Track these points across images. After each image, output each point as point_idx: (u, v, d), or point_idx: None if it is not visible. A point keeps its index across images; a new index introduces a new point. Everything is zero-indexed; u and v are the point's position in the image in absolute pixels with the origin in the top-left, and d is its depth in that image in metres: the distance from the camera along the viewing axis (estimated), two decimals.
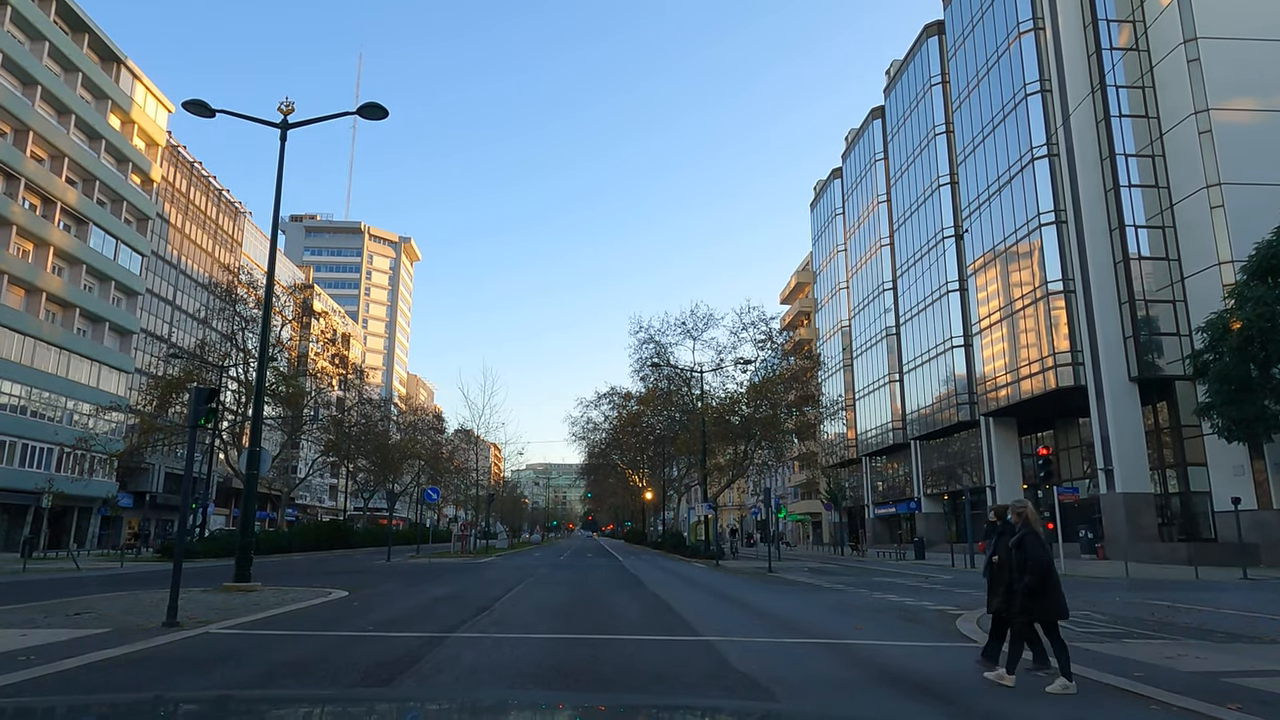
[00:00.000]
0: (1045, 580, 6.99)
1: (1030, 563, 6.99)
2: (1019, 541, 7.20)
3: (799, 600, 16.29)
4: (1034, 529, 7.16)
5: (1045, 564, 6.98)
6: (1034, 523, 7.21)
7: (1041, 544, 7.09)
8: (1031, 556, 7.01)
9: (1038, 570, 6.95)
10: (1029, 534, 7.14)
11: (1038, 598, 7.00)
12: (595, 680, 7.15)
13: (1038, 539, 7.11)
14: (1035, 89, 40.72)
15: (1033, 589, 7.00)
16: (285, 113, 17.31)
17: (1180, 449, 36.07)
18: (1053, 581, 7.01)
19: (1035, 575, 6.96)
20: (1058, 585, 7.06)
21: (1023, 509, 7.36)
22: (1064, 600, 7.09)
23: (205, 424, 11.45)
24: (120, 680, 6.90)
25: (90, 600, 13.44)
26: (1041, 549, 7.06)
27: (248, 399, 37.53)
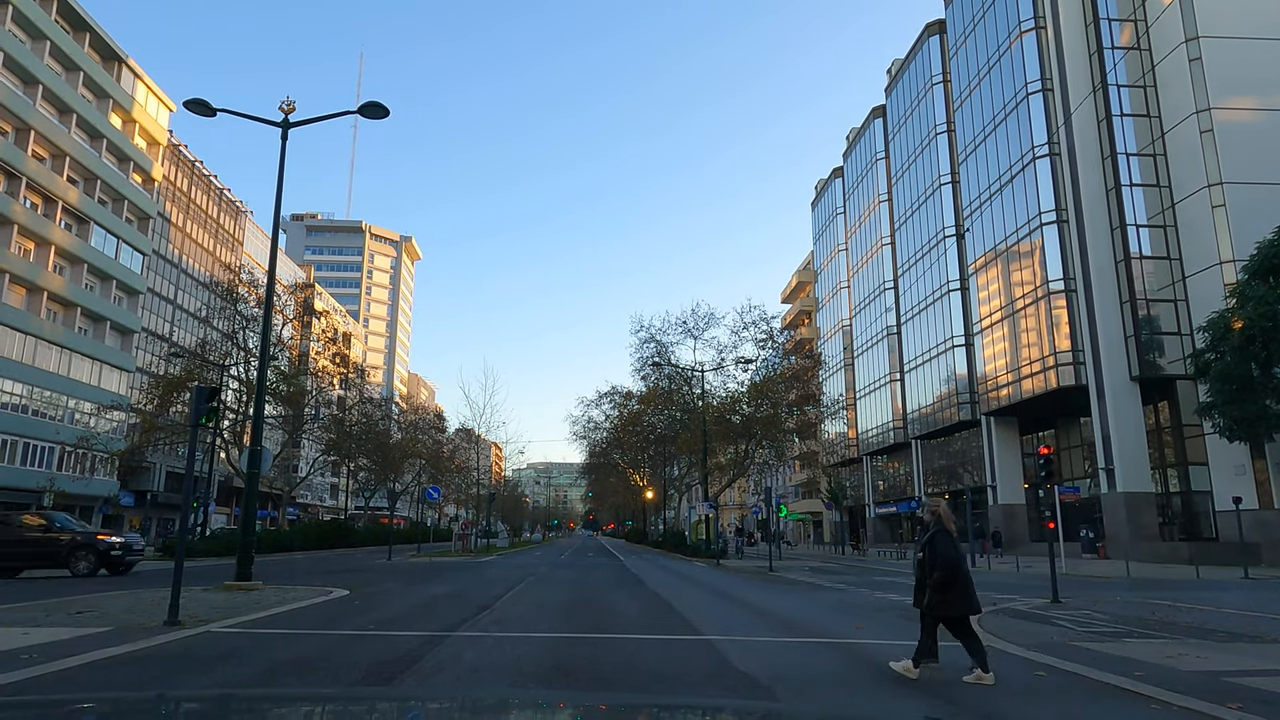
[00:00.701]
0: (954, 577, 7.21)
1: (939, 560, 7.22)
2: (930, 539, 7.45)
3: (800, 599, 16.29)
4: (946, 527, 7.41)
5: (954, 561, 7.21)
6: (946, 521, 7.46)
7: (952, 542, 7.33)
8: (941, 554, 7.25)
9: (946, 567, 7.19)
10: (940, 532, 7.39)
11: (946, 593, 7.23)
12: (596, 679, 7.15)
13: (948, 537, 7.34)
14: (1036, 88, 40.68)
15: (941, 585, 7.23)
16: (286, 112, 17.31)
17: (1181, 448, 36.05)
18: (962, 578, 7.25)
19: (944, 572, 7.20)
20: (968, 582, 7.31)
21: (935, 507, 7.60)
22: (974, 597, 7.31)
23: (206, 423, 11.46)
24: (122, 679, 6.91)
25: (91, 599, 13.45)
26: (951, 547, 7.29)
27: (249, 398, 37.54)
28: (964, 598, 7.24)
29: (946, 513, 7.54)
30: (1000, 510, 45.15)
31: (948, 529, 7.40)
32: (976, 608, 7.35)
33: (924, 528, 8.29)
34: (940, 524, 7.44)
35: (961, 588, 7.23)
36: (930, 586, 7.34)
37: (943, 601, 7.27)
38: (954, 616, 7.34)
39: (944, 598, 7.27)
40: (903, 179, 57.88)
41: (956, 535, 7.69)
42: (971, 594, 7.29)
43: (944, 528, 7.40)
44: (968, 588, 7.27)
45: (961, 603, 7.25)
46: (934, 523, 7.52)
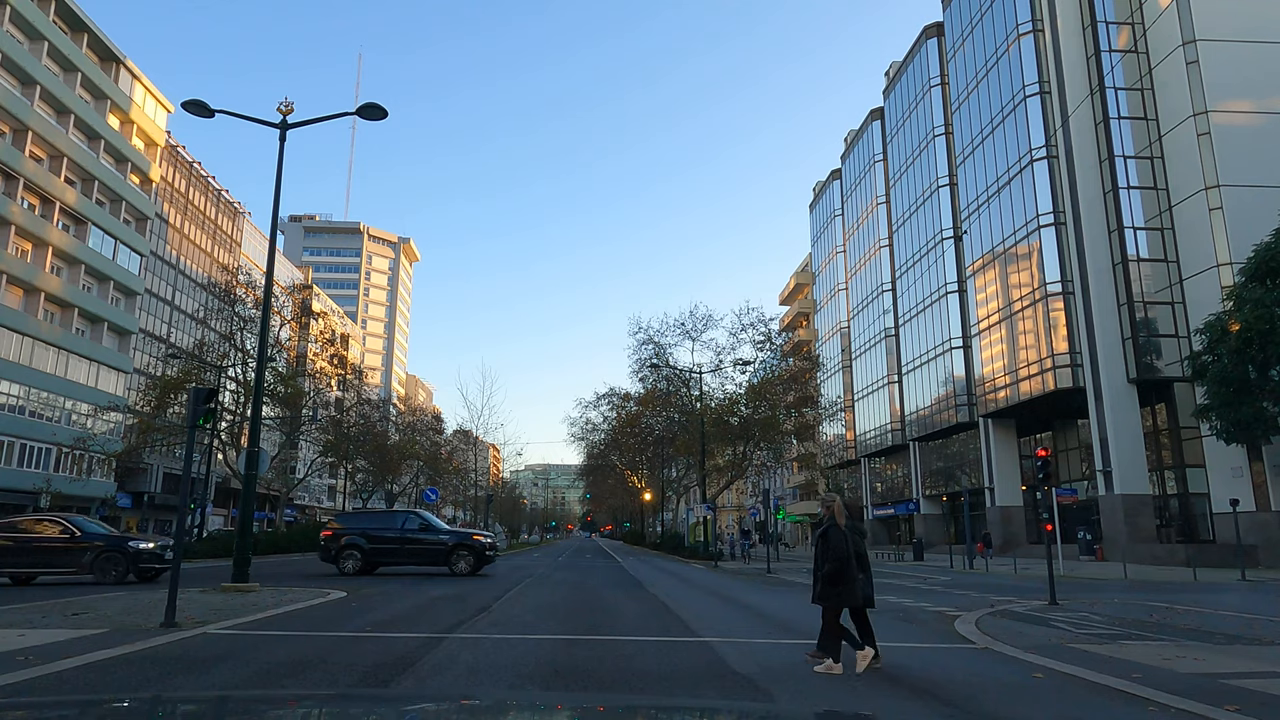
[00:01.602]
0: (843, 570, 7.53)
1: (831, 553, 7.53)
2: (823, 533, 7.74)
3: (798, 601, 16.28)
4: (839, 521, 7.69)
5: (844, 555, 7.56)
6: (839, 516, 7.74)
7: (843, 536, 7.63)
8: (833, 547, 7.56)
9: (835, 558, 7.53)
10: (833, 526, 7.68)
11: (838, 585, 7.53)
12: (594, 681, 7.14)
13: (840, 532, 7.63)
14: (1034, 91, 40.76)
15: (831, 577, 7.54)
16: (284, 113, 17.30)
17: (1179, 450, 36.10)
18: (850, 571, 7.55)
19: (834, 565, 7.53)
20: (854, 575, 7.63)
21: (831, 502, 7.88)
22: (858, 590, 7.67)
23: (204, 424, 11.43)
24: (118, 680, 6.89)
25: (88, 600, 13.42)
26: (843, 541, 7.59)
27: (246, 399, 37.49)
28: (853, 590, 7.57)
29: (840, 508, 7.81)
30: (998, 512, 45.18)
31: (840, 524, 7.68)
32: (859, 600, 7.67)
33: (819, 522, 8.53)
34: (834, 519, 7.70)
35: (850, 580, 7.54)
36: (823, 578, 7.61)
37: (837, 594, 7.55)
38: (855, 607, 7.63)
39: (837, 590, 7.54)
40: (901, 181, 57.95)
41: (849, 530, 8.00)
42: (858, 587, 7.62)
43: (837, 523, 7.68)
44: (855, 580, 7.59)
45: (851, 594, 7.56)
46: (828, 517, 7.77)
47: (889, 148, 61.20)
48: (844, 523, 7.72)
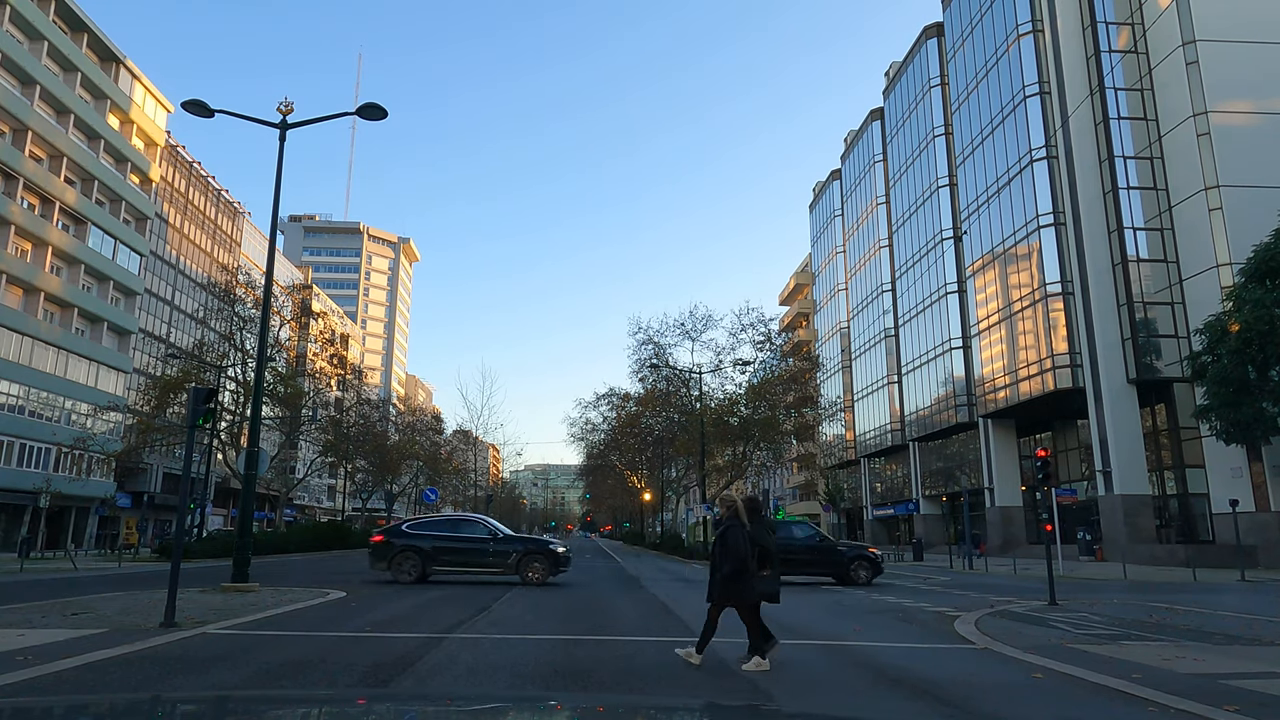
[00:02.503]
0: (742, 569, 7.59)
1: (730, 552, 7.57)
2: (723, 532, 7.76)
3: (797, 601, 16.28)
4: (740, 520, 7.75)
5: (743, 555, 7.61)
6: (741, 515, 7.79)
7: (742, 535, 7.67)
8: (731, 546, 7.58)
9: (735, 559, 7.55)
10: (732, 525, 7.71)
11: (737, 583, 7.59)
12: (594, 681, 7.14)
13: (740, 531, 7.66)
14: (1034, 91, 40.77)
15: (731, 576, 7.57)
16: (284, 113, 17.30)
17: (1178, 451, 36.11)
18: (749, 571, 7.64)
19: (732, 564, 7.55)
20: (752, 575, 7.72)
21: (731, 501, 7.91)
22: (756, 588, 7.79)
23: (203, 424, 11.43)
24: (118, 680, 6.89)
25: (87, 600, 13.42)
26: (741, 540, 7.63)
27: (246, 399, 37.49)
28: (751, 587, 7.65)
29: (741, 507, 7.83)
30: (998, 513, 45.19)
31: (742, 522, 7.72)
32: (755, 597, 7.76)
33: (718, 522, 8.60)
34: (736, 518, 7.72)
35: (748, 578, 7.62)
36: (723, 578, 7.63)
37: (738, 591, 7.62)
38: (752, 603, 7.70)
39: (737, 588, 7.60)
40: (900, 181, 57.96)
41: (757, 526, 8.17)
42: (755, 585, 7.74)
43: (738, 521, 7.71)
44: (752, 579, 7.69)
45: (749, 591, 7.65)
46: (728, 516, 7.78)
47: (889, 148, 61.22)
48: (746, 521, 7.78)
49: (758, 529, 8.27)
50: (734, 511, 7.74)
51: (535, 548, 19.70)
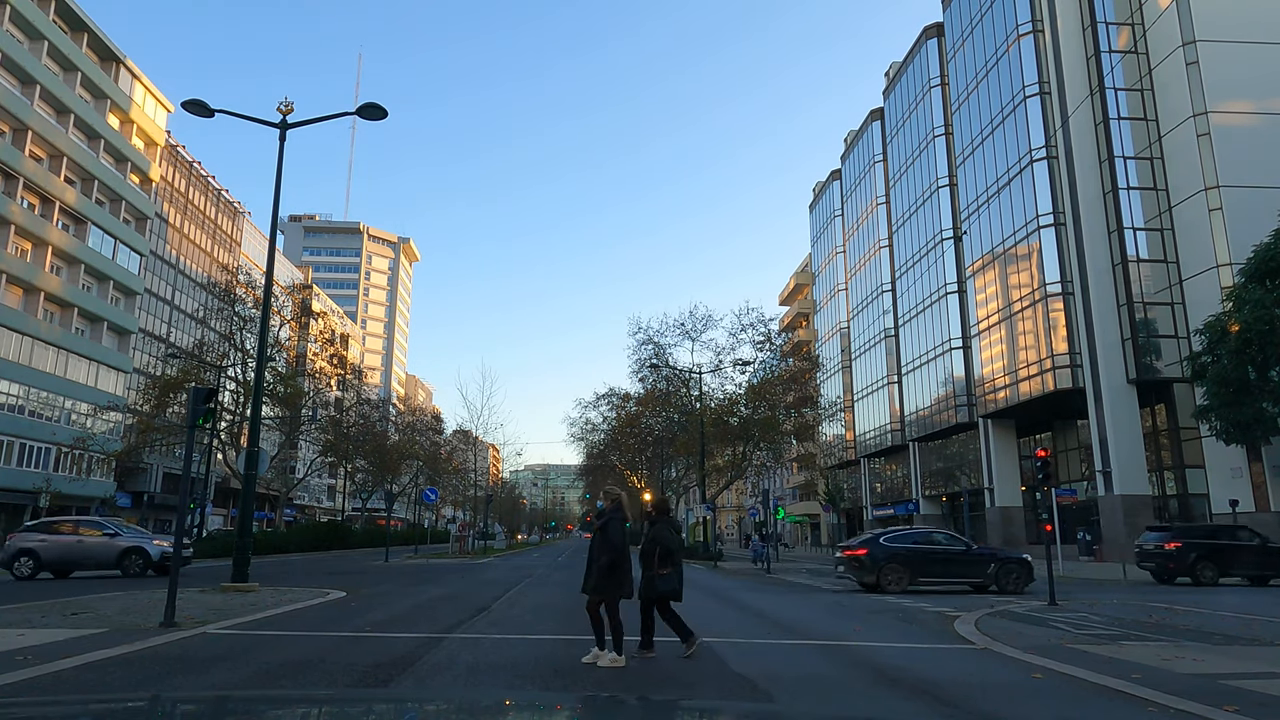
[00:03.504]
0: (622, 561, 7.63)
1: (609, 544, 7.62)
2: (604, 525, 7.78)
3: (797, 602, 16.29)
4: (624, 514, 7.81)
5: (621, 549, 7.64)
6: (625, 509, 7.86)
7: (622, 530, 7.72)
8: (611, 539, 7.64)
9: (613, 553, 7.60)
10: (613, 519, 7.75)
11: (614, 575, 7.62)
12: (593, 681, 7.14)
13: (620, 524, 7.72)
14: (1034, 91, 40.76)
15: (609, 568, 7.62)
16: (284, 113, 17.31)
17: (1178, 451, 36.10)
18: (625, 565, 7.66)
19: (609, 555, 7.61)
20: (629, 569, 7.75)
21: (616, 496, 7.98)
22: (632, 584, 7.80)
23: (203, 424, 11.44)
24: (117, 680, 6.89)
25: (87, 600, 13.43)
26: (620, 535, 7.69)
27: (246, 399, 37.50)
28: (626, 583, 7.71)
29: (626, 502, 7.90)
30: (998, 513, 45.18)
31: (625, 517, 7.77)
32: (632, 593, 7.82)
33: (648, 518, 8.74)
34: (620, 511, 7.76)
35: (624, 574, 7.65)
36: (598, 570, 7.65)
37: (615, 584, 7.63)
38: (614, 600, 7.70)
39: (615, 580, 7.62)
40: (900, 181, 57.95)
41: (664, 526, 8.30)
42: (631, 581, 7.79)
43: (621, 515, 7.75)
44: (629, 574, 7.73)
45: (624, 587, 7.70)
46: (611, 509, 7.80)
47: (889, 148, 61.19)
48: (627, 516, 7.82)
49: (663, 528, 8.36)
50: (617, 505, 7.77)
51: (1010, 557, 19.83)
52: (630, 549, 8.36)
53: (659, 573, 8.15)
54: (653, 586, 8.21)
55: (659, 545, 8.17)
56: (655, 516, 8.58)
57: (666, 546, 8.18)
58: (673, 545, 8.26)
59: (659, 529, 8.36)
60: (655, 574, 8.16)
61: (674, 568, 8.20)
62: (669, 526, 8.43)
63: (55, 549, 21.13)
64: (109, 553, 21.20)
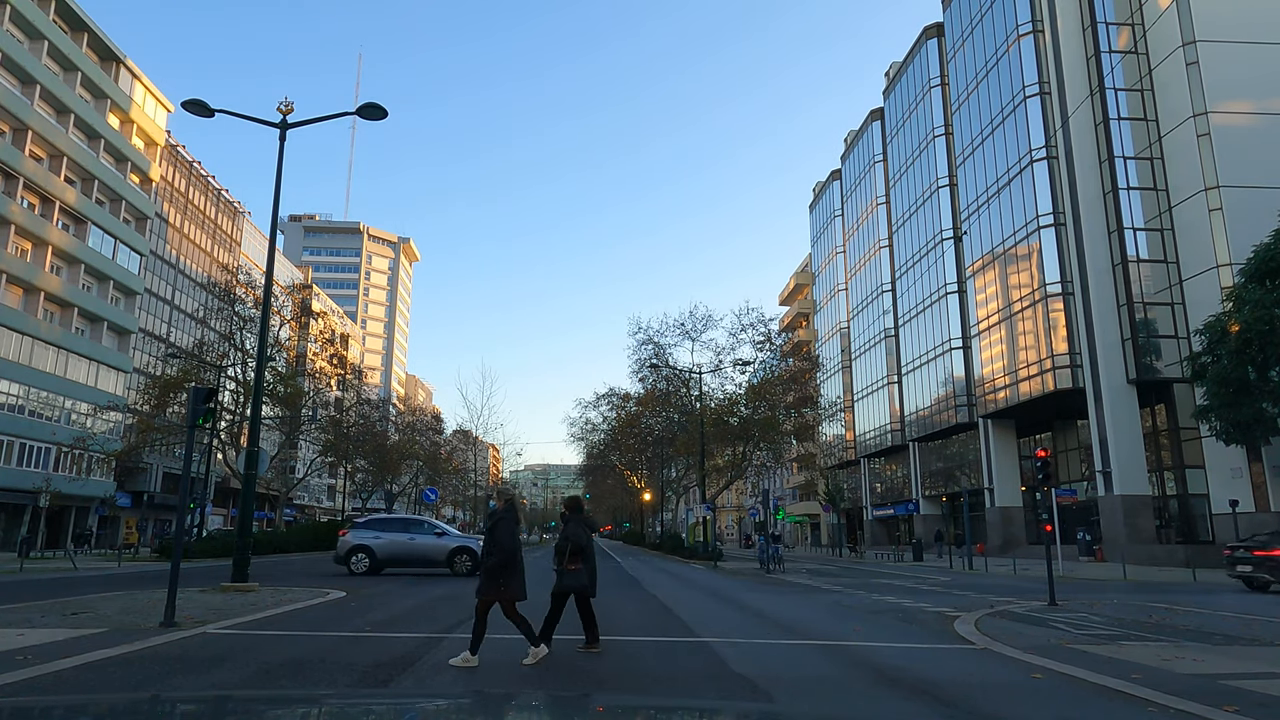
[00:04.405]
0: (508, 563, 7.58)
1: (497, 545, 7.59)
2: (492, 525, 7.78)
3: (797, 601, 16.29)
4: (515, 515, 7.78)
5: (510, 549, 7.59)
6: (515, 508, 7.84)
7: (511, 529, 7.68)
8: (499, 540, 7.59)
9: (501, 553, 7.56)
10: (503, 518, 7.73)
11: (502, 577, 7.60)
12: (593, 681, 7.14)
13: (509, 524, 7.70)
14: (1034, 91, 40.76)
15: (493, 570, 7.60)
16: (284, 113, 17.30)
17: (1178, 451, 36.10)
18: (514, 565, 7.62)
19: (499, 557, 7.57)
20: (519, 570, 7.67)
21: (509, 497, 8.01)
22: (523, 584, 7.76)
23: (203, 424, 11.44)
24: (117, 680, 6.89)
25: (87, 600, 13.42)
26: (510, 535, 7.65)
27: (246, 399, 37.49)
28: (516, 583, 7.67)
29: (517, 501, 7.90)
30: (998, 513, 45.19)
31: (516, 517, 7.77)
32: (524, 594, 7.75)
33: (562, 518, 8.78)
34: (510, 510, 7.76)
35: (514, 574, 7.63)
36: (485, 570, 7.66)
37: (500, 585, 7.62)
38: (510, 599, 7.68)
39: (501, 582, 7.60)
40: (900, 181, 57.95)
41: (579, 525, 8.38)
42: (523, 581, 7.76)
43: (513, 515, 7.74)
44: (520, 574, 7.70)
45: (514, 588, 7.65)
46: (503, 509, 7.81)
47: (889, 148, 61.19)
48: (519, 516, 7.82)
49: (576, 526, 8.53)
50: (509, 505, 7.82)
51: None
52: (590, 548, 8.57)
53: (568, 568, 8.40)
54: (563, 581, 8.45)
55: (570, 542, 8.42)
56: (569, 515, 8.80)
57: (577, 543, 8.41)
58: (583, 542, 8.48)
59: (571, 527, 8.59)
60: (565, 569, 8.40)
61: (585, 564, 8.44)
62: (582, 524, 8.65)
63: (390, 547, 21.70)
64: (439, 552, 21.74)
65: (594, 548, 8.84)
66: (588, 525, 8.79)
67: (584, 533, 8.57)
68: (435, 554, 21.75)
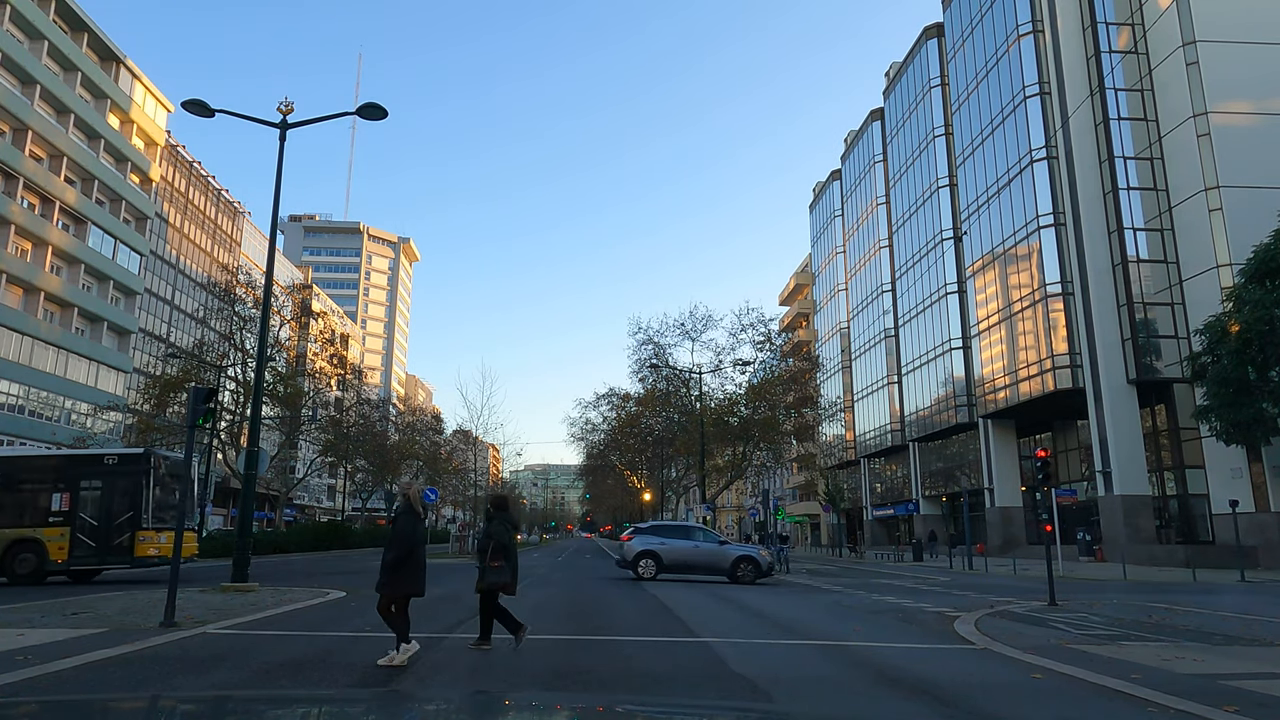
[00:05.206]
0: (408, 557, 7.51)
1: (396, 538, 7.54)
2: (395, 518, 7.82)
3: (797, 602, 16.29)
4: (414, 509, 7.73)
5: (409, 542, 7.53)
6: (415, 503, 7.77)
7: (412, 524, 7.64)
8: (399, 533, 7.57)
9: (401, 547, 7.50)
10: (401, 515, 7.72)
11: (397, 572, 7.54)
12: (593, 681, 7.14)
13: (408, 519, 7.65)
14: (1034, 91, 40.75)
15: (393, 564, 7.52)
16: (284, 113, 17.30)
17: (1178, 451, 36.09)
18: (414, 561, 7.57)
19: (397, 551, 7.50)
20: (419, 565, 7.59)
21: (407, 489, 7.95)
22: (421, 581, 7.68)
23: (203, 424, 11.44)
24: (117, 680, 6.89)
25: (87, 600, 13.42)
26: (411, 528, 7.61)
27: (246, 399, 37.49)
28: (413, 579, 7.60)
29: (416, 495, 7.87)
30: (998, 513, 45.18)
31: (415, 511, 7.73)
32: (421, 590, 7.68)
33: (488, 515, 8.87)
34: (409, 504, 7.74)
35: (412, 569, 7.58)
36: (383, 566, 7.60)
37: (392, 580, 7.56)
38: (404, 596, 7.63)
39: (394, 576, 7.56)
40: (901, 181, 57.94)
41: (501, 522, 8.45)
42: (421, 578, 7.69)
43: (412, 509, 7.72)
44: (419, 570, 7.64)
45: (410, 583, 7.59)
46: (402, 503, 7.81)
47: (889, 148, 61.18)
48: (420, 510, 7.78)
49: (499, 524, 8.62)
50: (407, 500, 7.80)
51: None
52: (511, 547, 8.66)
53: (491, 565, 8.48)
54: (484, 578, 8.53)
55: (492, 540, 8.54)
56: (493, 512, 8.90)
57: (500, 541, 8.53)
58: (506, 540, 8.60)
59: (494, 524, 8.69)
60: (488, 566, 8.49)
61: (507, 561, 8.54)
62: (505, 523, 8.76)
63: (675, 553, 21.85)
64: (723, 560, 21.83)
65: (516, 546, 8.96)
66: (511, 524, 8.93)
67: (507, 531, 8.70)
68: (719, 561, 21.86)
